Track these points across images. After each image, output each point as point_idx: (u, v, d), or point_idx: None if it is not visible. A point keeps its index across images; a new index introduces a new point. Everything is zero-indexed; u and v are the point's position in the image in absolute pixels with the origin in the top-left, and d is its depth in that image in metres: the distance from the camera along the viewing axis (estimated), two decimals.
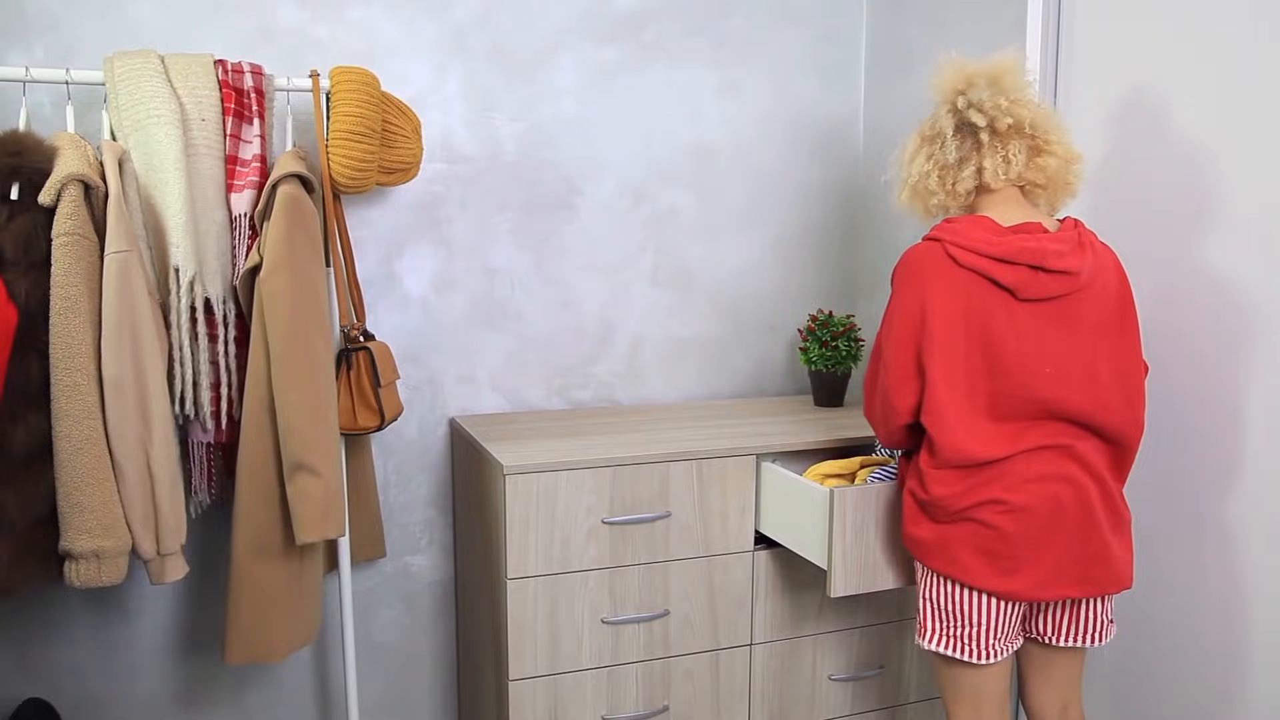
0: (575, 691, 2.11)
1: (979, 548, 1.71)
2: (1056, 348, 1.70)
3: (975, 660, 1.75)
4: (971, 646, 1.75)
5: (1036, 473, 1.70)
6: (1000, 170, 1.76)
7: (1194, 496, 1.96)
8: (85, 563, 1.76)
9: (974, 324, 1.70)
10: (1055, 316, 1.70)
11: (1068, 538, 1.70)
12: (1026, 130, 1.76)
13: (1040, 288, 1.69)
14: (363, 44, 2.33)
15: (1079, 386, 1.70)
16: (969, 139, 1.78)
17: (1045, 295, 1.69)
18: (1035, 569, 1.70)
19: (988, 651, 1.75)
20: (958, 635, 1.76)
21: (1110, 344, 1.73)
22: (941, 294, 1.71)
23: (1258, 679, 1.86)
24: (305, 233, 1.94)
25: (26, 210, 1.73)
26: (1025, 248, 1.69)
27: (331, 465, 1.95)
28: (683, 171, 2.64)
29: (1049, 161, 1.77)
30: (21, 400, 1.72)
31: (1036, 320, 1.70)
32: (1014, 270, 1.68)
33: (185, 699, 2.38)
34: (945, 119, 1.80)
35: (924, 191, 1.83)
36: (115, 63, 1.89)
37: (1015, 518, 1.69)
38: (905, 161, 1.87)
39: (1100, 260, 1.74)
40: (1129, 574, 1.76)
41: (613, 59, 2.55)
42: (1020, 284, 1.69)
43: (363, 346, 2.12)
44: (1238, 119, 1.84)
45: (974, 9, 2.37)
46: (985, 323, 1.70)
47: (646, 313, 2.66)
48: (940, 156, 1.80)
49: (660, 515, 2.11)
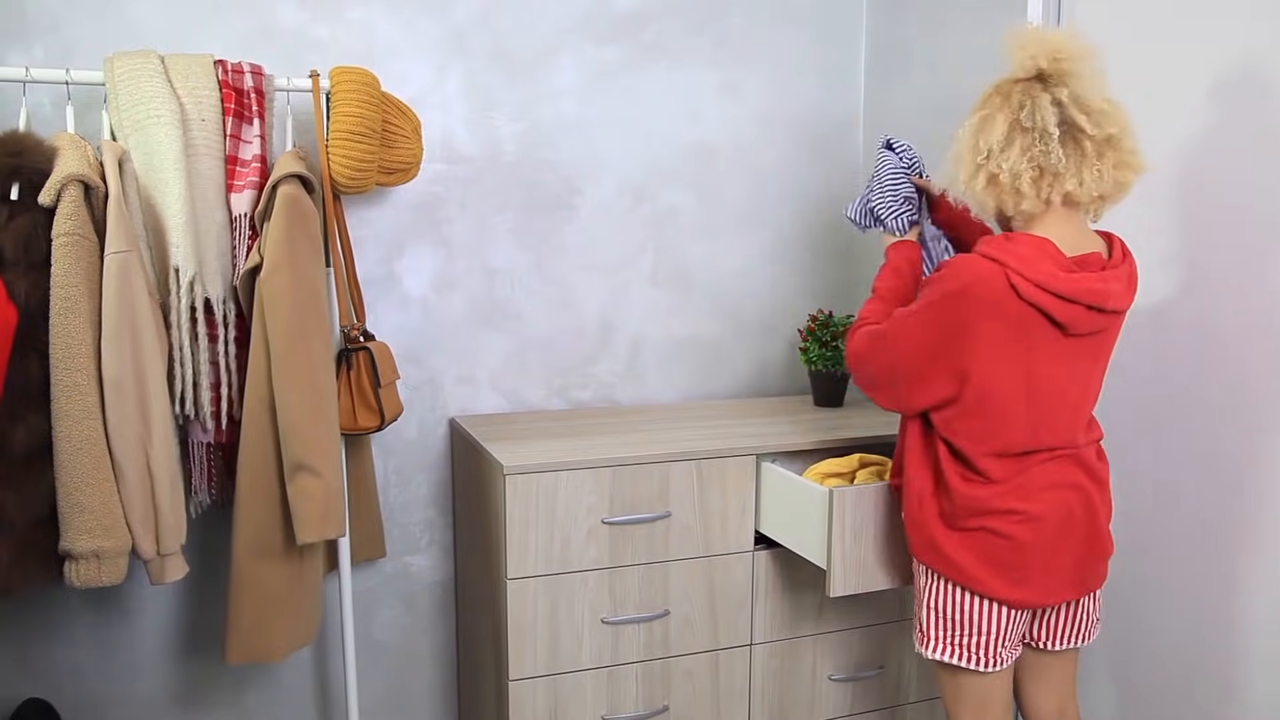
0: (575, 691, 2.11)
1: (990, 557, 1.68)
2: (1080, 377, 1.68)
3: (981, 668, 1.73)
4: (978, 655, 1.73)
5: (1050, 481, 1.68)
6: (1094, 187, 1.61)
7: (1194, 496, 1.96)
8: (85, 563, 1.76)
9: (1020, 358, 1.62)
10: (1090, 347, 1.67)
11: (1075, 544, 1.70)
12: (1121, 142, 1.62)
13: (1090, 324, 1.63)
14: (363, 44, 2.33)
15: (1078, 411, 1.70)
16: (1071, 143, 1.60)
17: (1091, 330, 1.64)
18: (1046, 577, 1.69)
19: (994, 659, 1.73)
20: (963, 644, 1.73)
21: (1105, 364, 1.73)
22: (992, 326, 1.60)
23: (1256, 679, 1.86)
24: (305, 233, 1.94)
25: (26, 210, 1.73)
26: (1090, 289, 1.58)
27: (332, 465, 1.95)
28: (683, 172, 2.64)
29: (1127, 176, 1.64)
30: (21, 400, 1.72)
31: (1074, 351, 1.65)
32: (1072, 309, 1.59)
33: (185, 699, 2.38)
34: (1048, 112, 1.60)
35: (1011, 191, 1.62)
36: (115, 63, 1.89)
37: (1030, 527, 1.67)
38: (993, 148, 1.63)
39: (1133, 286, 1.69)
40: (1107, 567, 1.78)
41: (613, 59, 2.55)
42: (1073, 321, 1.60)
43: (363, 346, 2.12)
44: (1238, 119, 1.84)
45: (974, 9, 2.37)
46: (1031, 356, 1.62)
47: (646, 313, 2.66)
48: (1041, 157, 1.60)
49: (660, 515, 2.11)
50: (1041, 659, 1.83)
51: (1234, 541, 1.89)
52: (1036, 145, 1.60)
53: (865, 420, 2.41)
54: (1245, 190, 1.84)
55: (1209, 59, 1.89)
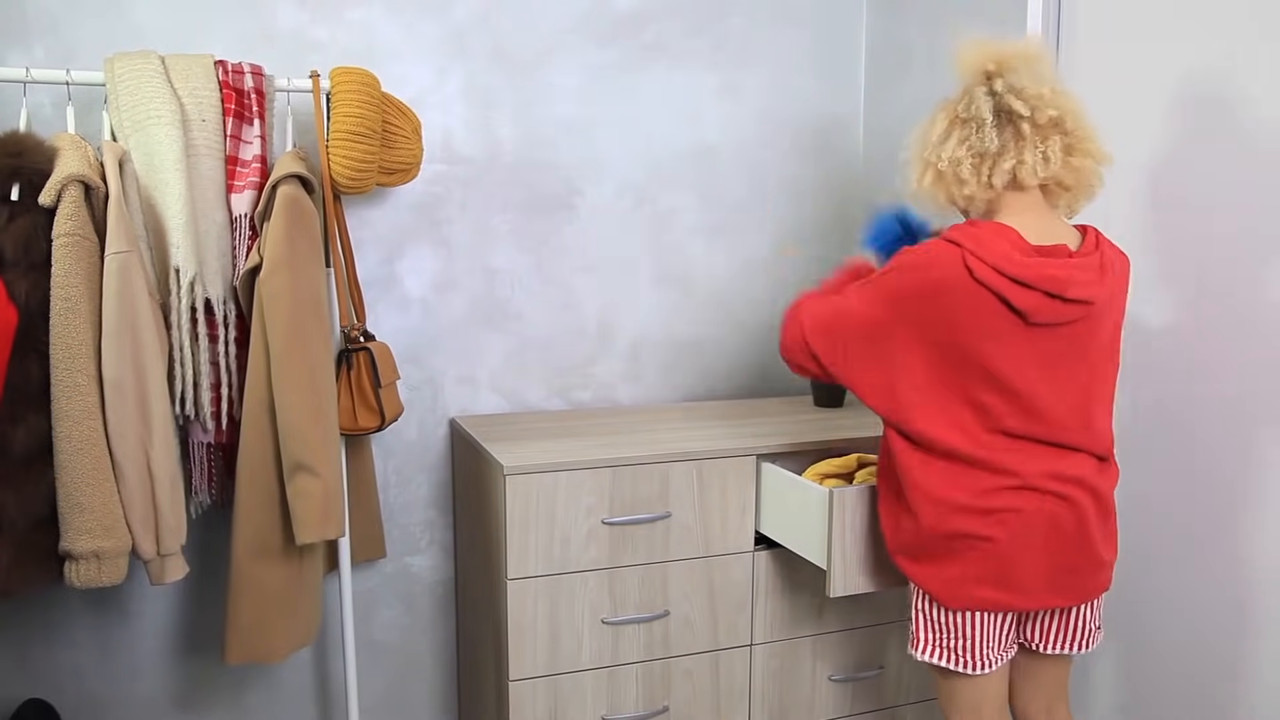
0: (575, 692, 2.11)
1: (965, 569, 1.68)
2: (1059, 373, 1.65)
3: (970, 671, 1.74)
4: (966, 658, 1.73)
5: (1032, 486, 1.66)
6: (1039, 167, 1.63)
7: (1200, 503, 1.96)
8: (85, 563, 1.76)
9: (971, 343, 1.62)
10: (1063, 341, 1.65)
11: (1061, 549, 1.68)
12: (1067, 125, 1.65)
13: (1053, 313, 1.61)
14: (363, 45, 2.33)
15: (1074, 414, 1.67)
16: (1009, 128, 1.64)
17: (1056, 321, 1.63)
18: (1026, 580, 1.67)
19: (982, 662, 1.74)
20: (952, 647, 1.74)
21: (1107, 368, 1.71)
22: (946, 306, 1.61)
23: (1264, 678, 1.86)
24: (305, 233, 1.94)
25: (27, 211, 1.73)
26: (1047, 275, 1.58)
27: (331, 466, 1.95)
28: (683, 172, 2.64)
29: (1084, 163, 1.66)
30: (22, 401, 1.72)
31: (1042, 343, 1.64)
32: (1030, 295, 1.59)
33: (185, 699, 2.38)
34: (983, 101, 1.66)
35: (953, 179, 1.68)
36: (116, 64, 1.89)
37: (1010, 531, 1.65)
38: (932, 142, 1.71)
39: (1116, 281, 1.67)
40: (1110, 577, 1.75)
41: (613, 60, 2.55)
42: (1033, 309, 1.60)
43: (363, 347, 2.12)
44: (1238, 125, 1.84)
45: (974, 9, 2.37)
46: (984, 343, 1.62)
47: (646, 313, 2.66)
48: (977, 143, 1.65)
49: (660, 516, 2.11)
50: (1033, 661, 1.83)
51: (1233, 548, 1.89)
52: (973, 134, 1.66)
53: (865, 420, 2.41)
54: (1246, 192, 1.84)
55: (1209, 59, 1.89)
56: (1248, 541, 1.87)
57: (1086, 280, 1.62)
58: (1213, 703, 1.94)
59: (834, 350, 1.74)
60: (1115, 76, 2.08)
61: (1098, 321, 1.66)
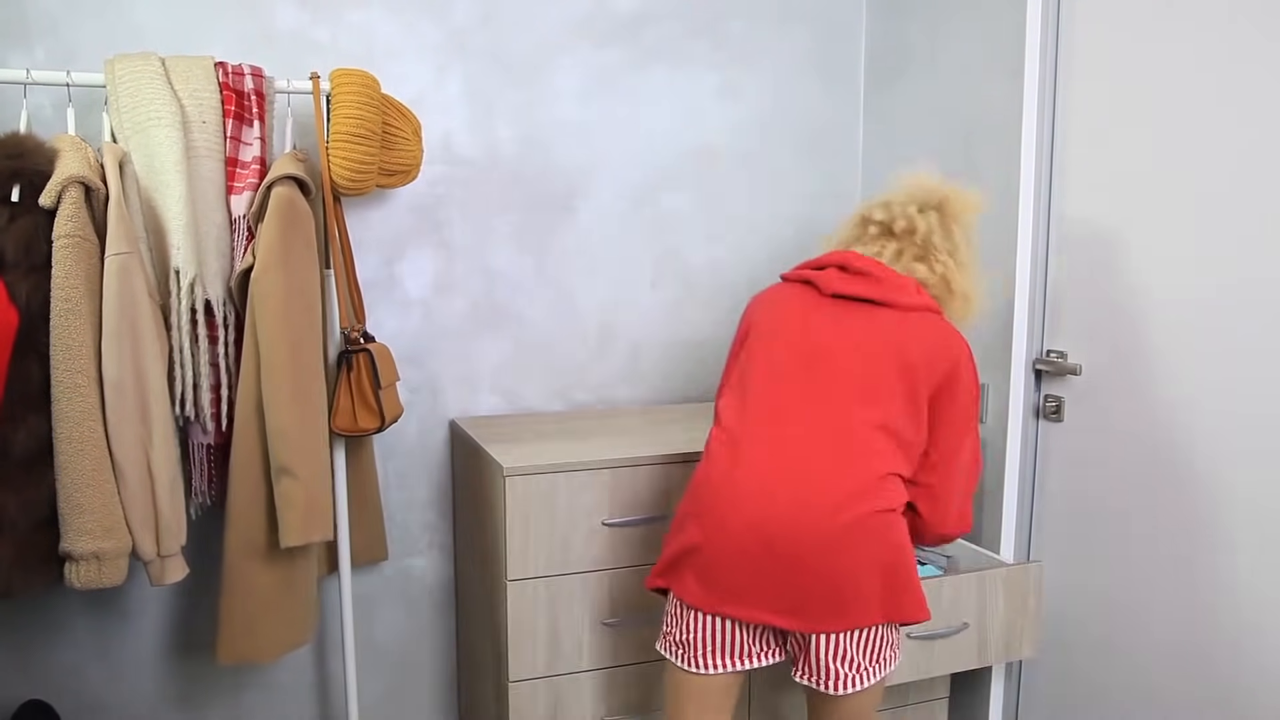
0: (575, 693, 2.11)
1: (675, 554, 1.76)
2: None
3: (681, 664, 1.78)
4: (675, 649, 1.79)
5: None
6: (857, 246, 1.84)
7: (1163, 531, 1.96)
8: (86, 564, 1.76)
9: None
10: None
11: (770, 557, 1.68)
12: (918, 239, 1.80)
13: (840, 284, 1.76)
14: (363, 46, 2.34)
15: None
16: (858, 230, 1.87)
17: (844, 292, 1.75)
18: (724, 579, 1.72)
19: (693, 660, 1.77)
20: (669, 634, 1.80)
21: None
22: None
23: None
24: (299, 234, 1.94)
25: (27, 212, 1.73)
26: (835, 252, 1.82)
27: (312, 469, 1.94)
28: (683, 174, 2.64)
29: (918, 268, 1.79)
30: (22, 402, 1.72)
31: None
32: (820, 272, 1.81)
33: (185, 700, 2.38)
34: (852, 216, 1.91)
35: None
36: (116, 65, 1.89)
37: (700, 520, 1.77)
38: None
39: (928, 320, 1.73)
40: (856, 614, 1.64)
41: (613, 61, 2.55)
42: (822, 279, 1.78)
43: (363, 348, 2.12)
44: (1238, 125, 1.84)
45: (974, 10, 2.37)
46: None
47: (647, 315, 2.66)
48: (825, 245, 1.92)
49: (660, 517, 2.11)
50: (810, 692, 1.75)
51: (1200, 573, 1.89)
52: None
53: None
54: (1245, 194, 1.84)
55: (1209, 58, 1.89)
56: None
57: (869, 265, 1.79)
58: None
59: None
60: (1115, 76, 2.08)
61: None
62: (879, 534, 1.62)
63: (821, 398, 1.69)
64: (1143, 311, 2.03)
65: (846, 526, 1.60)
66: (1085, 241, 2.16)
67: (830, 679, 1.66)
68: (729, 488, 1.66)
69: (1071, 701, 2.24)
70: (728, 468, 1.68)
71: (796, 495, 1.62)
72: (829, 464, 1.64)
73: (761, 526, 1.62)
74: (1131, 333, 2.05)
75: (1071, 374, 2.19)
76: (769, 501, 1.62)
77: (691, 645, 1.72)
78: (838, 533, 1.60)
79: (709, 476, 1.70)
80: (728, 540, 1.64)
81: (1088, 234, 2.15)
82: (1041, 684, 2.32)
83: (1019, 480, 2.30)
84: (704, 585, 1.67)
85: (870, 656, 1.67)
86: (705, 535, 1.67)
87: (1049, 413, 2.26)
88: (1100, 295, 2.12)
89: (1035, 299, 2.25)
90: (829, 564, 1.60)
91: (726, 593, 1.65)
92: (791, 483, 1.63)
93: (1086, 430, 2.17)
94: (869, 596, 1.62)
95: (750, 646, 1.71)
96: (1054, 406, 2.24)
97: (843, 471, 1.63)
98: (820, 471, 1.63)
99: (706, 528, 1.67)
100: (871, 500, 1.62)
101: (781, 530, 1.61)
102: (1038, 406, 2.29)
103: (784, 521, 1.61)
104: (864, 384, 1.69)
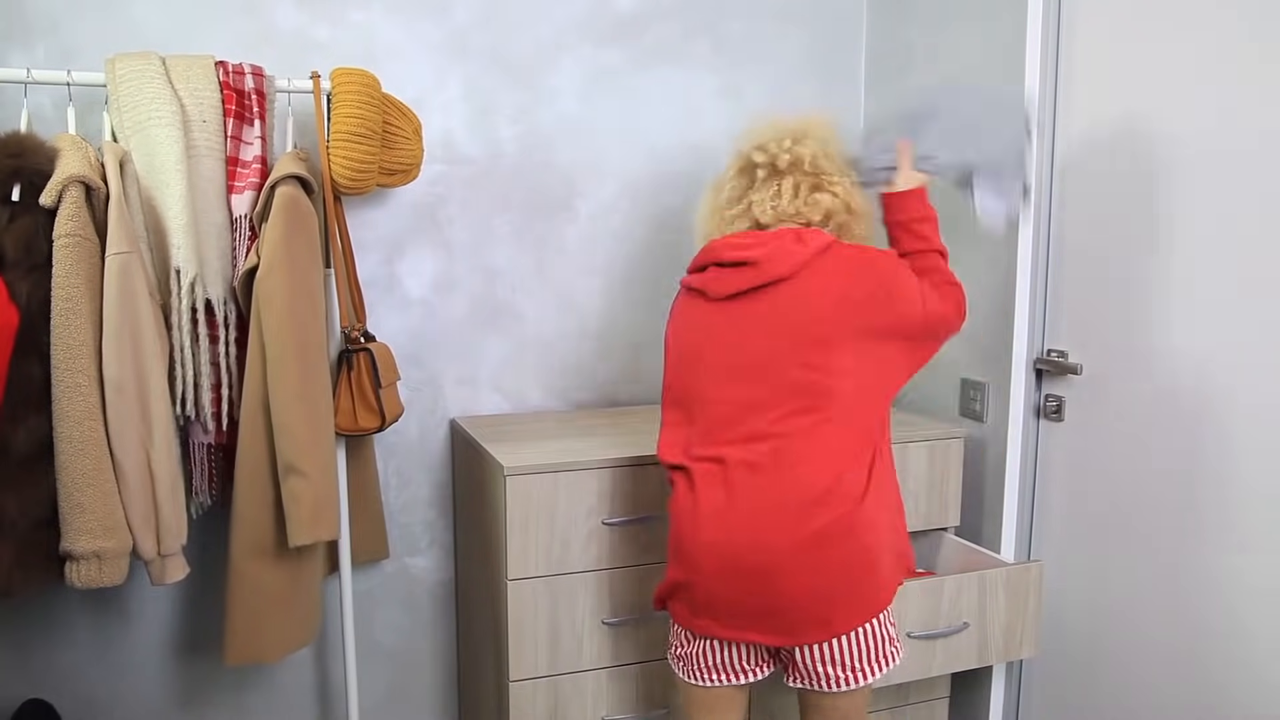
0: (575, 692, 2.11)
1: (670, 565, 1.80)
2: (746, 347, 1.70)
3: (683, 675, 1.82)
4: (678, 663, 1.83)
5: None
6: (769, 203, 1.77)
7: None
8: (86, 563, 1.76)
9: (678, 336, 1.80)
10: (750, 315, 1.71)
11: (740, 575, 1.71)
12: (806, 167, 1.76)
13: (722, 284, 1.72)
14: (363, 46, 2.34)
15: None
16: (746, 178, 1.81)
17: (730, 292, 1.71)
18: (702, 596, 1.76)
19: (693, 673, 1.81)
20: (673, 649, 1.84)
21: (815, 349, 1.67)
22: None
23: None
24: (303, 234, 1.94)
25: (28, 212, 1.73)
26: (707, 248, 1.78)
27: (320, 468, 1.95)
28: (683, 174, 2.64)
29: (822, 198, 1.76)
30: (22, 402, 1.72)
31: (727, 318, 1.72)
32: (702, 275, 1.76)
33: (186, 700, 2.38)
34: (730, 166, 1.85)
35: (702, 240, 1.86)
36: (116, 64, 1.89)
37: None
38: (697, 221, 1.90)
39: (824, 261, 1.68)
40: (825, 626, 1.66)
41: (613, 61, 2.55)
42: (706, 284, 1.75)
43: (363, 347, 2.12)
44: (1238, 125, 1.85)
45: (974, 10, 2.37)
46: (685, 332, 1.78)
47: (647, 314, 2.66)
48: (714, 199, 1.85)
49: (660, 516, 2.11)
50: (801, 692, 1.78)
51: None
52: (714, 192, 1.91)
53: None
54: (1246, 194, 1.84)
55: (1209, 58, 1.89)
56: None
57: (746, 244, 1.73)
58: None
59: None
60: (1116, 76, 2.08)
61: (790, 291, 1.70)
62: (843, 540, 1.63)
63: (756, 413, 1.67)
64: (1143, 311, 2.03)
65: (809, 541, 1.61)
66: (1086, 241, 2.16)
67: (822, 681, 1.69)
68: (692, 526, 1.70)
69: (1071, 701, 2.24)
70: (690, 506, 1.71)
71: (755, 521, 1.64)
72: (779, 482, 1.64)
73: (729, 557, 1.65)
74: (1131, 333, 2.05)
75: (1071, 374, 2.19)
76: (731, 532, 1.65)
77: (690, 659, 1.78)
78: (801, 548, 1.62)
79: (678, 515, 1.73)
80: (703, 574, 1.69)
81: (1088, 234, 2.15)
82: (1041, 684, 2.33)
83: (1019, 480, 2.30)
84: (692, 611, 1.73)
85: (863, 657, 1.68)
86: (684, 571, 1.72)
87: (1049, 412, 2.26)
88: (1100, 295, 2.12)
89: (1035, 299, 2.25)
90: (799, 581, 1.62)
91: (712, 619, 1.70)
92: (748, 512, 1.64)
93: (1086, 430, 2.17)
94: (845, 603, 1.64)
95: (743, 663, 1.75)
96: (1054, 406, 2.24)
97: (794, 485, 1.63)
98: (772, 493, 1.64)
99: (684, 564, 1.72)
100: (829, 507, 1.62)
101: (749, 557, 1.64)
102: (1038, 406, 2.29)
103: (749, 547, 1.63)
104: (793, 384, 1.65)
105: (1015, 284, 2.25)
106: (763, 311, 1.69)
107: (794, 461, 1.64)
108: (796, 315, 1.66)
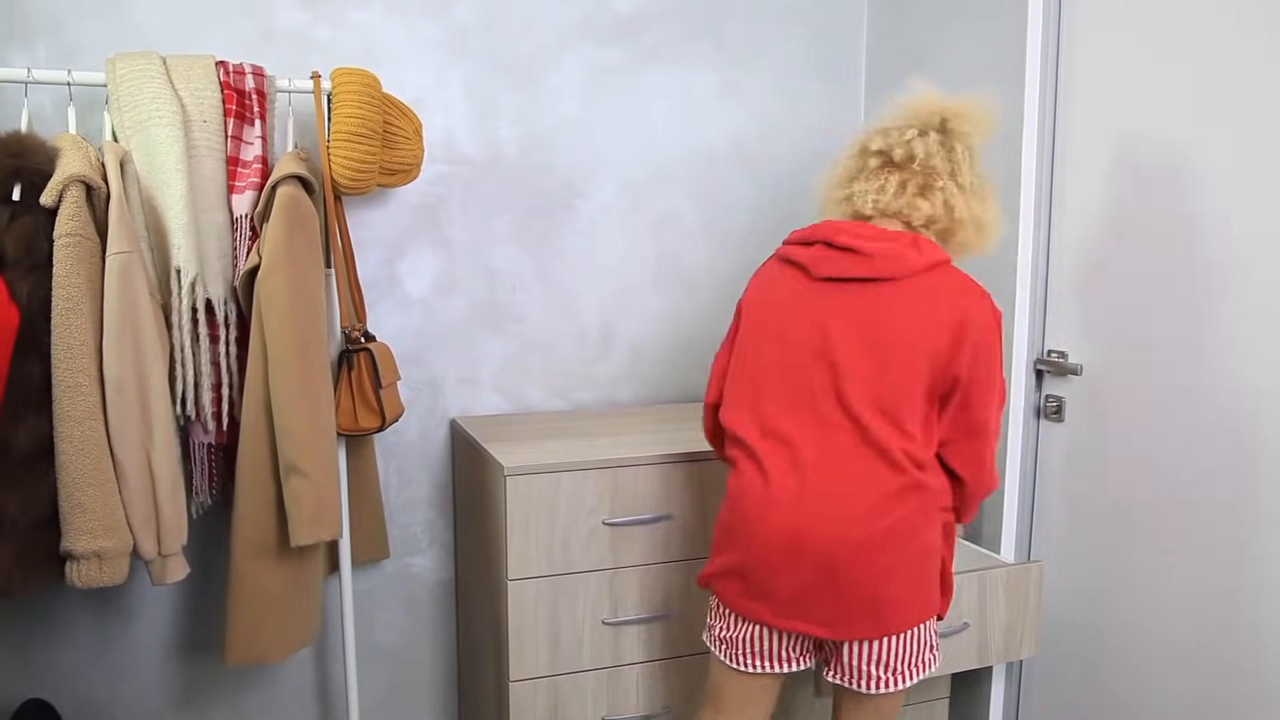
0: (576, 692, 2.11)
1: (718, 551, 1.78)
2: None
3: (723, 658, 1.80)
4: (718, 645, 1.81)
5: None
6: (872, 195, 1.70)
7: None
8: (87, 563, 1.76)
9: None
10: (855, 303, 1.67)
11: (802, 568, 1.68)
12: (918, 164, 1.69)
13: (828, 266, 1.67)
14: (364, 46, 2.34)
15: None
16: (859, 162, 1.76)
17: (834, 275, 1.66)
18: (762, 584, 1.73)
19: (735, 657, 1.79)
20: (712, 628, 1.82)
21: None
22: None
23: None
24: (304, 234, 1.94)
25: (28, 211, 1.73)
26: (822, 226, 1.71)
27: (321, 468, 1.95)
28: (684, 174, 2.65)
29: (923, 204, 1.68)
30: (23, 401, 1.72)
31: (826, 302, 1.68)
32: (808, 250, 1.71)
33: (186, 700, 2.38)
34: (854, 143, 1.79)
35: (819, 209, 1.85)
36: (117, 64, 1.89)
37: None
38: (816, 188, 1.88)
39: (932, 278, 1.63)
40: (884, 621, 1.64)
41: (613, 61, 2.55)
42: (811, 261, 1.69)
43: (364, 347, 2.12)
44: (1238, 125, 1.85)
45: (974, 10, 2.37)
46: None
47: (648, 314, 2.66)
48: (830, 173, 1.81)
49: (661, 516, 2.12)
50: (837, 688, 1.76)
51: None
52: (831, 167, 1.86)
53: None
54: (1246, 194, 1.84)
55: (1210, 58, 1.89)
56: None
57: (864, 233, 1.67)
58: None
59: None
60: (1117, 77, 2.08)
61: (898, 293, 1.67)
62: (908, 540, 1.62)
63: (834, 401, 1.65)
64: (1143, 311, 2.03)
65: (876, 537, 1.60)
66: (1086, 241, 2.16)
67: (863, 680, 1.68)
68: (761, 509, 1.66)
69: (1071, 701, 2.24)
70: (759, 488, 1.67)
71: (824, 509, 1.62)
72: (851, 473, 1.62)
73: (794, 543, 1.63)
74: (1131, 333, 2.05)
75: (1072, 374, 2.19)
76: (799, 518, 1.63)
77: (732, 643, 1.75)
78: (867, 543, 1.60)
79: (744, 496, 1.69)
80: (764, 557, 1.66)
81: (1088, 234, 2.15)
82: (1041, 684, 2.33)
83: (1019, 480, 2.30)
84: (745, 594, 1.70)
85: (905, 660, 1.68)
86: (744, 555, 1.69)
87: (1049, 413, 2.26)
88: (1100, 295, 2.13)
89: (1035, 299, 2.26)
90: (861, 575, 1.61)
91: (765, 604, 1.68)
92: (818, 497, 1.62)
93: (1086, 430, 2.17)
94: (901, 603, 1.63)
95: (789, 652, 1.74)
96: (1054, 406, 2.24)
97: (865, 480, 1.62)
98: (844, 482, 1.62)
99: (744, 545, 1.68)
100: (897, 506, 1.61)
101: (814, 545, 1.61)
102: (1038, 406, 2.29)
103: (815, 536, 1.61)
104: (871, 380, 1.63)
105: (1015, 284, 2.25)
106: (858, 305, 1.65)
107: (869, 454, 1.63)
108: (885, 325, 1.63)
